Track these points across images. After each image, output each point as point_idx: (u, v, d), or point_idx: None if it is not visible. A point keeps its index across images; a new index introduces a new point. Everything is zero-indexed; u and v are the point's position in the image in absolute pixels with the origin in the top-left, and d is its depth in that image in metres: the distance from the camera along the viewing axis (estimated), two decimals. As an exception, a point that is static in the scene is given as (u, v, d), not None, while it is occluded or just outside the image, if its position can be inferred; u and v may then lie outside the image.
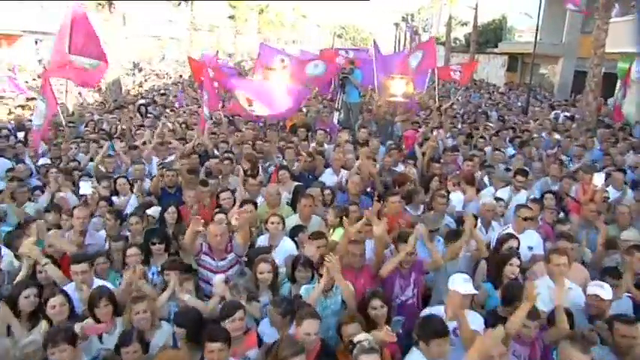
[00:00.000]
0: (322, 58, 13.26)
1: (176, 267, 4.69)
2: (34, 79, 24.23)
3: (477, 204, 6.71)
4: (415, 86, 11.80)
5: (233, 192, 6.82)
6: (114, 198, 6.91)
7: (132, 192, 7.04)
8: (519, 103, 20.63)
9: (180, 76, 29.85)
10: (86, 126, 11.53)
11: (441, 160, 8.43)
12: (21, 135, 10.83)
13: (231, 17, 46.00)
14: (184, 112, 13.83)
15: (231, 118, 12.31)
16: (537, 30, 18.97)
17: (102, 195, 6.64)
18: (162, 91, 19.91)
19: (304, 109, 13.30)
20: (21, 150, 9.56)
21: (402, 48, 57.81)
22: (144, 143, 9.36)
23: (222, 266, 5.00)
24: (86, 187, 6.42)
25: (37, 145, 9.36)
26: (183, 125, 11.70)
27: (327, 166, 8.33)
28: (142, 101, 15.54)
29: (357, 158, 8.45)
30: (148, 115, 13.50)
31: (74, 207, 5.72)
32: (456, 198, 6.80)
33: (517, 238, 5.28)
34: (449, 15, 36.04)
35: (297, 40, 64.75)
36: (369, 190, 7.34)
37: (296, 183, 7.41)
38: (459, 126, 12.35)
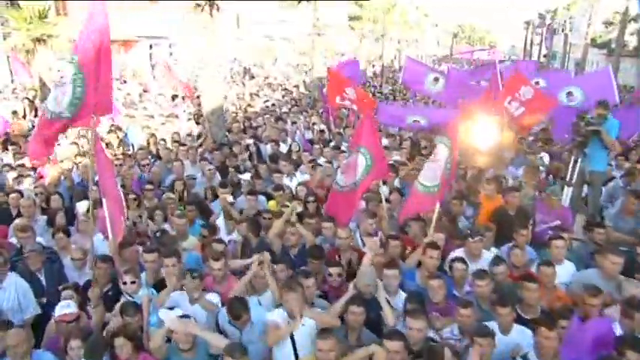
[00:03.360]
0: None
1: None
2: (144, 90, 21.36)
3: None
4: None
5: None
6: None
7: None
8: None
9: (297, 86, 25.69)
10: (170, 188, 7.57)
11: None
12: (85, 205, 6.35)
13: (355, 18, 41.52)
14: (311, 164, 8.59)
15: None
16: None
17: None
18: (278, 114, 14.66)
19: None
20: (64, 246, 5.75)
21: (532, 53, 49.56)
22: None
23: None
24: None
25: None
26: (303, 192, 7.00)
27: None
28: (250, 140, 10.43)
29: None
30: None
31: None
32: None
33: None
34: (626, 7, 28.52)
35: (419, 40, 59.63)
36: None
37: None
38: None
